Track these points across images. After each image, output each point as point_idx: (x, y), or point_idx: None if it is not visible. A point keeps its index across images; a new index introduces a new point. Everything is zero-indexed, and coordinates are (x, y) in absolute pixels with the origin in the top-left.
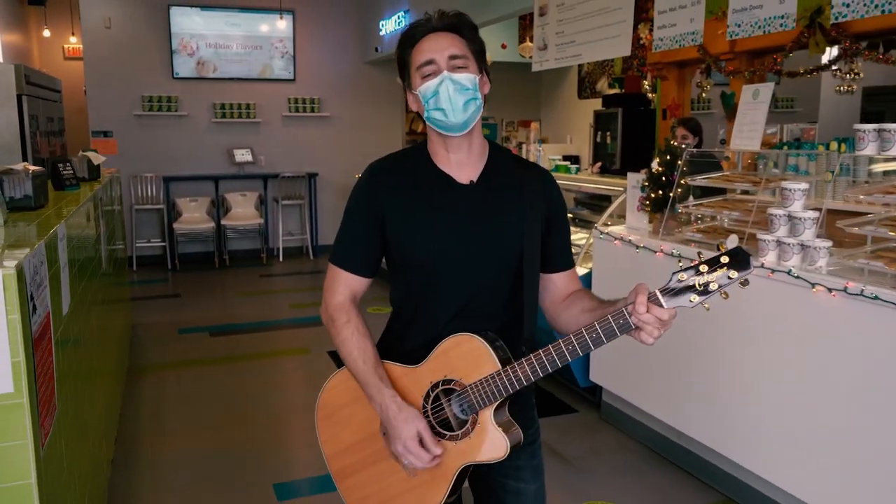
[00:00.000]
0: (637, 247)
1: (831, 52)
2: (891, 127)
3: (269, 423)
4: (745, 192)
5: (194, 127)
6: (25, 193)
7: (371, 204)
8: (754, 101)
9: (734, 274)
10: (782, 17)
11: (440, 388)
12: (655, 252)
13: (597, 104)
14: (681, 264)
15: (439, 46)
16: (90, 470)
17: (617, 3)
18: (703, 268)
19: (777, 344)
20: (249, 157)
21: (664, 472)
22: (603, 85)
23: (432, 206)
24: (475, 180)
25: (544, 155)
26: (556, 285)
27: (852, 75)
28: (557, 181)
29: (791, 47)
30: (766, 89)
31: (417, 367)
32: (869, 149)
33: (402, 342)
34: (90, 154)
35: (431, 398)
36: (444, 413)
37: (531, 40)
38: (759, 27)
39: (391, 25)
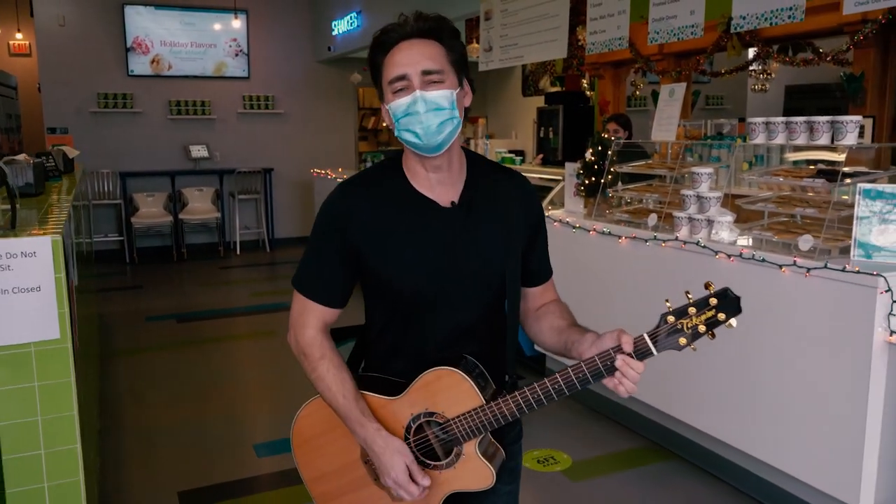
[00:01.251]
0: (574, 227)
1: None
2: (776, 120)
3: (242, 395)
4: (677, 181)
5: (150, 124)
6: (27, 181)
7: (343, 231)
8: (670, 98)
9: (722, 316)
10: (692, 26)
11: (422, 419)
12: (589, 231)
13: (540, 101)
14: (668, 305)
15: (412, 59)
16: (91, 428)
17: (554, 10)
18: (692, 310)
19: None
20: (205, 153)
21: (599, 424)
22: (545, 83)
23: (413, 234)
24: (456, 201)
25: (491, 149)
26: (533, 295)
27: (765, 76)
28: None
29: (711, 50)
30: (680, 88)
31: (397, 399)
32: (759, 138)
33: (388, 366)
34: (65, 148)
35: (413, 429)
36: (428, 442)
37: (477, 42)
38: (674, 34)
39: (343, 26)
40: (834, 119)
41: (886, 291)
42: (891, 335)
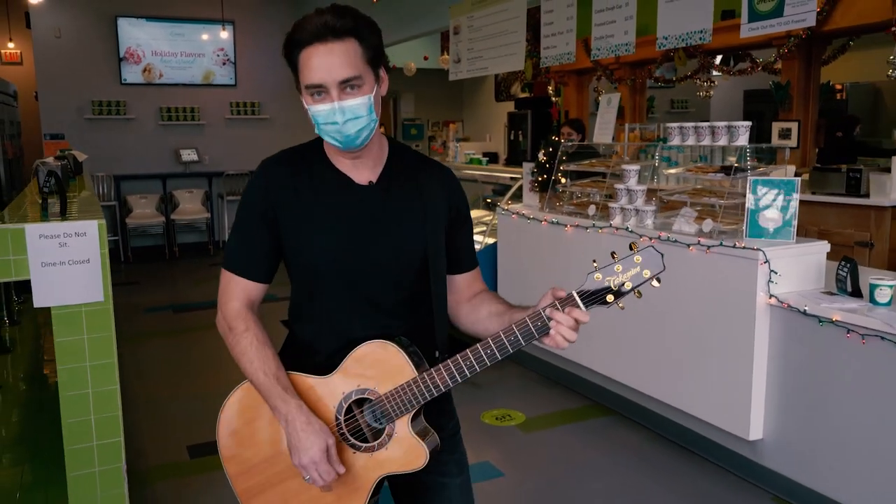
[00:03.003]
0: (528, 219)
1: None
2: (687, 125)
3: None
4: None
5: (142, 129)
6: None
7: (264, 204)
8: (608, 106)
9: (647, 273)
10: (626, 44)
11: (353, 398)
12: (541, 222)
13: (511, 106)
14: (595, 265)
15: (330, 67)
16: None
17: (513, 27)
18: (618, 267)
19: None
20: (195, 157)
21: (551, 389)
22: (517, 89)
23: (329, 209)
24: (374, 181)
25: (461, 150)
26: (459, 286)
27: (709, 83)
28: (473, 172)
29: (661, 61)
30: (615, 98)
31: (329, 377)
32: (676, 140)
33: (311, 351)
34: (75, 153)
35: (345, 409)
36: (359, 423)
37: (448, 53)
38: (612, 51)
39: None
40: (730, 124)
41: (765, 263)
42: (769, 298)
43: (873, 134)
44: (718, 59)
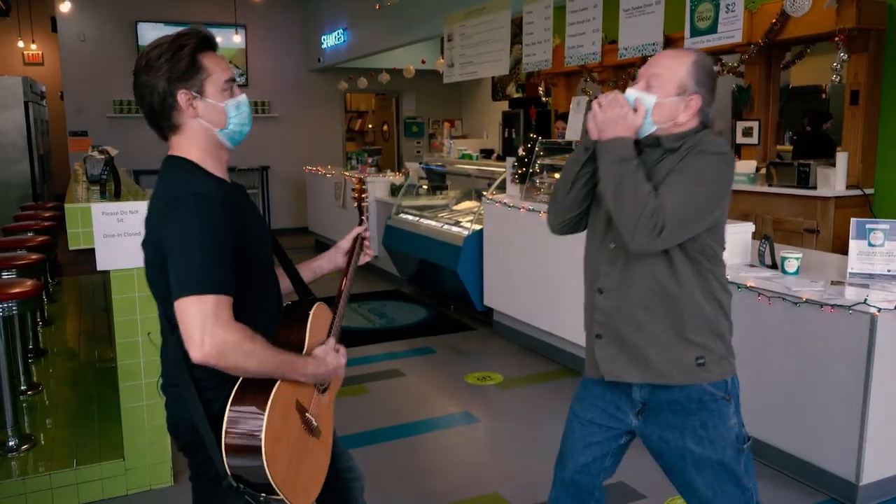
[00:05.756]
0: (509, 206)
1: None
2: None
3: None
4: None
5: None
6: (102, 170)
7: (230, 221)
8: (577, 108)
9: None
10: (593, 53)
11: None
12: (520, 209)
13: (506, 105)
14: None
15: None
16: None
17: (499, 36)
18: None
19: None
20: None
21: (530, 357)
22: (511, 89)
23: (251, 212)
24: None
25: (454, 147)
26: None
27: None
28: (465, 166)
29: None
30: (584, 100)
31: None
32: None
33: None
34: (108, 148)
35: None
36: None
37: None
38: (581, 59)
39: (331, 40)
40: None
41: None
42: None
43: None
44: None
